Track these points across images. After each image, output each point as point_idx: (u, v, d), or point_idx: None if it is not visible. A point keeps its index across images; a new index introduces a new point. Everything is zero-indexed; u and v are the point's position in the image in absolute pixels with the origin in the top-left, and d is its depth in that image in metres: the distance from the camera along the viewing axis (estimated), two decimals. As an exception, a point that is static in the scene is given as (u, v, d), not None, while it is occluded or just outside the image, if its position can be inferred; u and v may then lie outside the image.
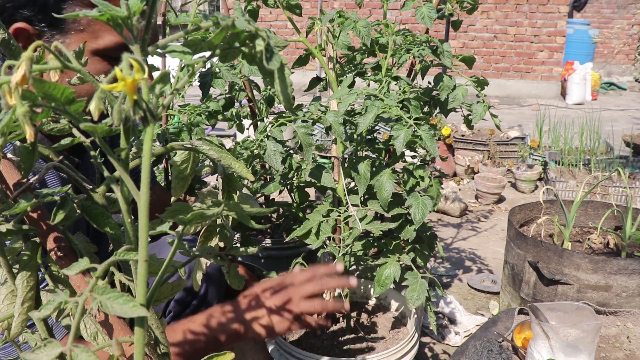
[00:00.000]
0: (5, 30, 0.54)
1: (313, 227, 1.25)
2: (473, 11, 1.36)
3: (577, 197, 1.90)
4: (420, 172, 1.20)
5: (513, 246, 1.86)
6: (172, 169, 0.54)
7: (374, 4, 7.38)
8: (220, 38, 0.38)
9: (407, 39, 1.28)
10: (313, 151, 1.17)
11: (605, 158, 3.56)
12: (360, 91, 1.16)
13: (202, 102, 1.74)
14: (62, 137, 0.54)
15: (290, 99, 0.41)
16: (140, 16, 0.39)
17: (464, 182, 3.83)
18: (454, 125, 4.32)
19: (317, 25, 1.24)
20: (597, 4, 9.52)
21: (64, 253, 0.51)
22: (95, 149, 0.55)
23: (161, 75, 0.39)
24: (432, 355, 1.83)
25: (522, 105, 6.80)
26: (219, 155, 0.50)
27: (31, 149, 0.48)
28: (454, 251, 2.70)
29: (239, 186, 0.54)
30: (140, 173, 0.39)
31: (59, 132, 0.53)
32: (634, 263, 1.60)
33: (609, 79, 8.63)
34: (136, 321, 0.41)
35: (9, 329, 0.51)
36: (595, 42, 8.04)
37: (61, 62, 0.40)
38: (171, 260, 0.46)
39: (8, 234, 0.48)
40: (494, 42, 7.38)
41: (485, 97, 1.23)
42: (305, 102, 1.37)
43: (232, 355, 0.47)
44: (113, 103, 0.39)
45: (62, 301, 0.42)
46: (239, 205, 0.50)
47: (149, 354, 0.52)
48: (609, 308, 1.50)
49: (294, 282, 1.00)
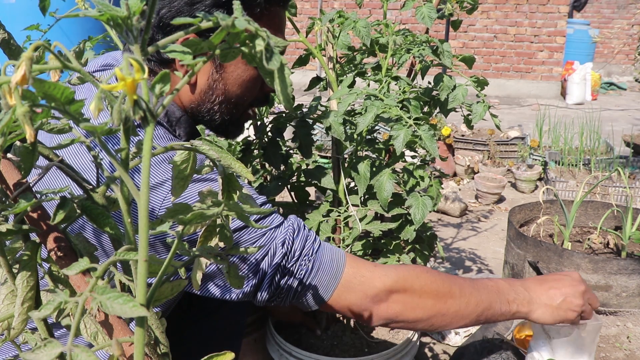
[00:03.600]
0: (5, 29, 0.54)
1: (313, 227, 1.25)
2: (473, 11, 1.36)
3: (577, 197, 1.90)
4: (420, 172, 1.20)
5: (513, 246, 1.86)
6: (172, 169, 0.54)
7: (374, 4, 7.38)
8: (220, 38, 0.38)
9: (407, 39, 1.28)
10: (313, 151, 1.17)
11: (605, 158, 3.56)
12: (360, 91, 1.16)
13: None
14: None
15: (290, 99, 0.41)
16: (140, 16, 0.39)
17: (464, 182, 3.83)
18: (454, 125, 4.32)
19: (317, 25, 1.24)
20: (597, 4, 9.52)
21: (64, 253, 0.51)
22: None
23: (161, 75, 0.39)
24: (432, 355, 1.83)
25: (522, 105, 6.80)
26: (219, 155, 0.50)
27: (31, 149, 0.48)
28: (454, 251, 2.70)
29: (239, 186, 0.54)
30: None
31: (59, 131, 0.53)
32: (634, 263, 1.60)
33: (609, 79, 8.63)
34: (136, 321, 0.41)
35: (9, 329, 0.51)
36: (595, 42, 8.04)
37: (61, 62, 0.40)
38: (171, 260, 0.46)
39: (8, 234, 0.48)
40: (494, 42, 7.38)
41: (485, 97, 1.23)
42: (306, 102, 1.37)
43: (232, 355, 0.47)
44: (113, 103, 0.39)
45: (62, 301, 0.42)
46: (239, 205, 0.50)
47: (149, 354, 0.52)
48: (609, 308, 1.50)
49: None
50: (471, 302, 0.92)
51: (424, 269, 0.93)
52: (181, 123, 0.97)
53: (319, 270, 0.86)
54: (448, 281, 0.92)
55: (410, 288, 0.89)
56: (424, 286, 0.90)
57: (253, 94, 1.00)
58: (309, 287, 0.86)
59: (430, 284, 0.90)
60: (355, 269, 0.88)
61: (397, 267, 0.92)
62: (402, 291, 0.89)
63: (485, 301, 0.93)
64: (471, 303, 0.92)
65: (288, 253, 0.83)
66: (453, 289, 0.91)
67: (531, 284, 1.00)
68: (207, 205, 0.48)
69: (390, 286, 0.88)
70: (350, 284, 0.87)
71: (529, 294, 0.97)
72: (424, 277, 0.91)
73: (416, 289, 0.89)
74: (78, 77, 0.59)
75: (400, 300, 0.89)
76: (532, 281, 1.01)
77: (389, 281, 0.88)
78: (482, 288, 0.94)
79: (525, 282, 1.00)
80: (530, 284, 1.00)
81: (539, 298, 0.97)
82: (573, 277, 1.02)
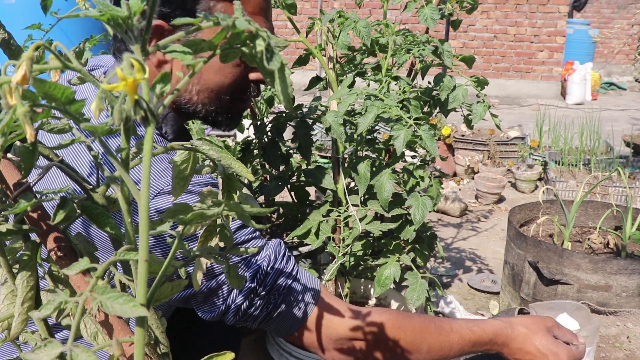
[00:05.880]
0: (5, 30, 0.54)
1: (313, 227, 1.25)
2: (473, 11, 1.36)
3: (577, 197, 1.90)
4: (420, 172, 1.20)
5: (513, 246, 1.86)
6: (172, 169, 0.54)
7: (374, 4, 7.38)
8: (221, 38, 0.38)
9: (407, 39, 1.28)
10: (313, 151, 1.17)
11: (605, 158, 3.56)
12: (360, 91, 1.16)
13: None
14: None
15: (290, 99, 0.41)
16: (140, 16, 0.39)
17: (464, 182, 3.83)
18: (454, 125, 4.32)
19: (317, 25, 1.24)
20: (597, 4, 9.52)
21: (64, 253, 0.51)
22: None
23: (161, 75, 0.39)
24: (432, 355, 1.83)
25: (522, 105, 6.80)
26: (219, 155, 0.50)
27: (31, 149, 0.48)
28: (454, 251, 2.70)
29: (239, 186, 0.54)
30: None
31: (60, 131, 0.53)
32: (634, 263, 1.60)
33: (609, 79, 8.63)
34: (136, 321, 0.41)
35: (9, 329, 0.51)
36: (595, 42, 8.04)
37: (61, 62, 0.40)
38: (171, 260, 0.46)
39: (8, 234, 0.48)
40: (494, 42, 7.38)
41: (485, 97, 1.23)
42: (306, 102, 1.37)
43: (232, 355, 0.47)
44: (113, 103, 0.39)
45: (62, 301, 0.42)
46: (239, 205, 0.50)
47: (149, 354, 0.52)
48: (609, 308, 1.50)
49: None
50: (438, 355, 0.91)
51: (400, 319, 0.91)
52: (168, 120, 0.94)
53: (287, 307, 0.85)
54: (419, 336, 0.90)
55: (374, 340, 0.88)
56: (390, 340, 0.88)
57: (234, 80, 0.95)
58: (274, 320, 0.85)
59: (399, 339, 0.89)
60: (326, 310, 0.87)
61: (371, 315, 0.89)
62: (365, 341, 0.88)
63: (455, 350, 0.92)
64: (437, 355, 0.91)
65: (258, 287, 0.82)
66: (421, 346, 0.90)
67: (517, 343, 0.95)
68: (207, 205, 0.48)
69: (354, 335, 0.87)
70: (317, 324, 0.87)
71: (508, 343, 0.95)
72: (394, 332, 0.89)
73: (381, 341, 0.88)
74: (78, 77, 0.59)
75: (362, 350, 0.88)
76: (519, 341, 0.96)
77: (355, 330, 0.87)
78: (456, 340, 0.92)
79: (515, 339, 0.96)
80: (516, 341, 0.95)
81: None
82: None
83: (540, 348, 0.93)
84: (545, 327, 0.95)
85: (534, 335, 0.94)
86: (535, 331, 0.94)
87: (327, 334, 0.87)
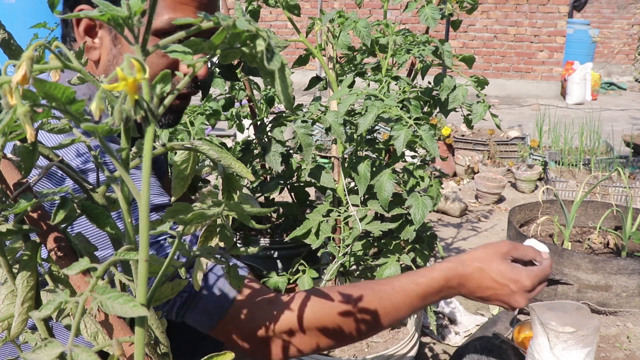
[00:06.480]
0: (5, 29, 0.54)
1: (313, 227, 1.25)
2: (473, 11, 1.36)
3: (577, 197, 1.90)
4: (420, 172, 1.20)
5: (513, 246, 1.86)
6: (172, 169, 0.54)
7: (374, 4, 7.38)
8: (221, 38, 0.38)
9: (407, 39, 1.28)
10: (313, 151, 1.17)
11: (605, 158, 3.56)
12: (360, 91, 1.16)
13: (202, 102, 1.74)
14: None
15: (290, 99, 0.41)
16: (140, 16, 0.39)
17: (464, 182, 3.83)
18: (454, 125, 4.32)
19: (317, 25, 1.24)
20: (597, 4, 9.52)
21: (64, 253, 0.51)
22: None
23: (162, 75, 0.39)
24: (432, 355, 1.83)
25: (522, 105, 6.80)
26: (219, 155, 0.50)
27: (31, 149, 0.48)
28: (454, 251, 2.70)
29: (239, 186, 0.54)
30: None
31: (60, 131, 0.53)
32: (634, 263, 1.60)
33: (609, 79, 8.63)
34: (136, 321, 0.41)
35: (9, 329, 0.51)
36: (595, 42, 8.04)
37: (61, 62, 0.40)
38: (171, 260, 0.46)
39: (8, 234, 0.48)
40: (494, 42, 7.38)
41: (485, 97, 1.23)
42: (305, 102, 1.37)
43: (232, 355, 0.47)
44: (114, 103, 0.39)
45: (62, 301, 0.42)
46: (239, 205, 0.50)
47: (149, 354, 0.52)
48: (609, 308, 1.50)
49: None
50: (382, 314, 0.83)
51: (325, 299, 0.81)
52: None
53: (206, 293, 0.77)
54: (356, 311, 0.81)
55: (305, 328, 0.80)
56: (321, 324, 0.80)
57: (158, 71, 0.92)
58: (190, 308, 0.78)
59: (328, 321, 0.81)
60: (248, 303, 0.79)
61: (294, 300, 0.81)
62: (297, 332, 0.80)
63: (404, 310, 0.85)
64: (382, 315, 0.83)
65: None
66: (361, 321, 0.81)
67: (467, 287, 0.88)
68: (207, 205, 0.48)
69: (279, 329, 0.79)
70: (237, 320, 0.78)
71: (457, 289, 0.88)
72: (321, 313, 0.80)
73: (312, 327, 0.80)
74: (78, 77, 0.59)
75: (295, 342, 0.80)
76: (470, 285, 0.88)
77: (279, 322, 0.79)
78: (402, 299, 0.84)
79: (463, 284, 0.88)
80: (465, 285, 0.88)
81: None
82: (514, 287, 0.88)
83: (498, 279, 0.86)
84: (499, 255, 0.88)
85: (489, 266, 0.86)
86: (489, 262, 0.87)
87: (250, 329, 0.79)
